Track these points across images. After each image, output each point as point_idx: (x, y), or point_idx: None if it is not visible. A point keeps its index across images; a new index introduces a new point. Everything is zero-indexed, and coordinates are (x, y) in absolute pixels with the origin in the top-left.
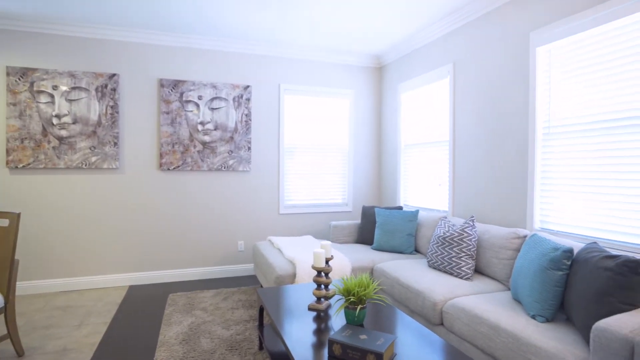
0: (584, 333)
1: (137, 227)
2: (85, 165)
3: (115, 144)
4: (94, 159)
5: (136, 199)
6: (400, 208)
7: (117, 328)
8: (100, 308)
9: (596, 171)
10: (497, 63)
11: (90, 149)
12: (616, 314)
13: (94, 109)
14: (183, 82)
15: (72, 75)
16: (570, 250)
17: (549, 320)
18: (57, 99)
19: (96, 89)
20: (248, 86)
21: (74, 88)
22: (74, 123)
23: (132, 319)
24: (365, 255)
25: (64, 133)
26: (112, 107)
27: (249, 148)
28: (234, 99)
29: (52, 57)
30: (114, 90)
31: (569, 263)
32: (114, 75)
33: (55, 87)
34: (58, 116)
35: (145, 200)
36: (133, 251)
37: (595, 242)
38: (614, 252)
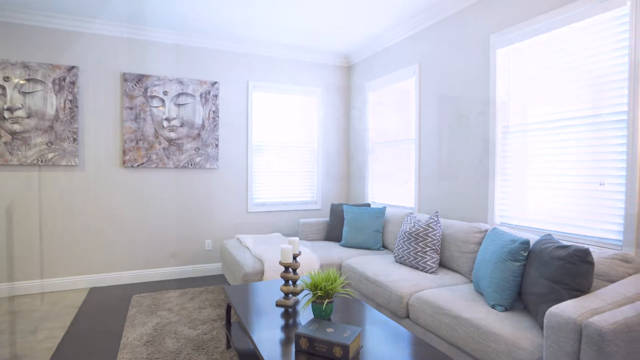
0: (539, 319)
1: (99, 226)
2: (42, 162)
3: (75, 139)
4: (51, 155)
5: (98, 197)
6: (368, 205)
7: (76, 332)
8: (57, 312)
9: (551, 168)
10: (461, 64)
11: (47, 144)
12: (567, 300)
13: (50, 103)
14: (147, 76)
15: (26, 66)
16: (527, 242)
17: (507, 309)
18: (9, 91)
19: (53, 82)
20: (216, 82)
21: (28, 80)
22: (28, 117)
23: (93, 322)
24: (333, 251)
25: (17, 127)
26: (71, 101)
27: (217, 145)
28: (201, 95)
29: (3, 46)
30: (73, 83)
31: (525, 254)
32: (73, 67)
33: (6, 79)
34: (10, 109)
35: (107, 199)
36: (94, 252)
37: (549, 234)
38: (566, 243)
